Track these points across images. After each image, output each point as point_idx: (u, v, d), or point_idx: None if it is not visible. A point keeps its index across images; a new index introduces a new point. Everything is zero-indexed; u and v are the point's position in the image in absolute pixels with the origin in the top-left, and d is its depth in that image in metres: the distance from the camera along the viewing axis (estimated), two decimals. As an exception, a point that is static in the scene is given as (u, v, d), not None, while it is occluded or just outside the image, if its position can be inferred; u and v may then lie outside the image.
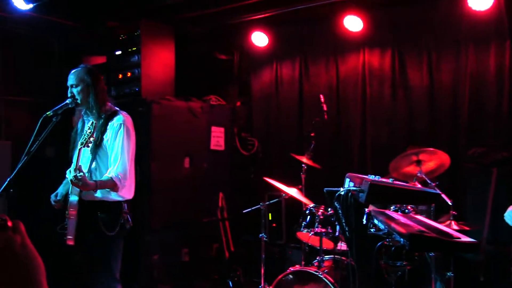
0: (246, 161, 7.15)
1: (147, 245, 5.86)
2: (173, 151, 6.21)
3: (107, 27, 6.45)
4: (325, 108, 5.75)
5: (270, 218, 6.46)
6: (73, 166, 3.75)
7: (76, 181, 3.69)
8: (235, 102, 7.29)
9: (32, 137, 3.76)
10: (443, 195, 4.37)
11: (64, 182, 4.19)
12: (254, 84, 7.28)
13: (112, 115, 4.01)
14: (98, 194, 3.94)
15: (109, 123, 3.97)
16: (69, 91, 4.02)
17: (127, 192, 4.05)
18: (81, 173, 3.70)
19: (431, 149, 4.68)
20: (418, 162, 4.63)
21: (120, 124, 3.95)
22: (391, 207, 4.24)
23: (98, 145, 3.96)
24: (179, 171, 6.26)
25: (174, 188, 6.15)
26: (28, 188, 6.26)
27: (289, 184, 5.28)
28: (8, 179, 3.66)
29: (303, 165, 5.65)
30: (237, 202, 6.65)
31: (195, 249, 6.36)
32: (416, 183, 3.20)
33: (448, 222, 4.48)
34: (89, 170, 3.99)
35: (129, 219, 4.05)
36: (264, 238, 5.26)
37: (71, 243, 3.98)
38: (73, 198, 4.00)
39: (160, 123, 6.05)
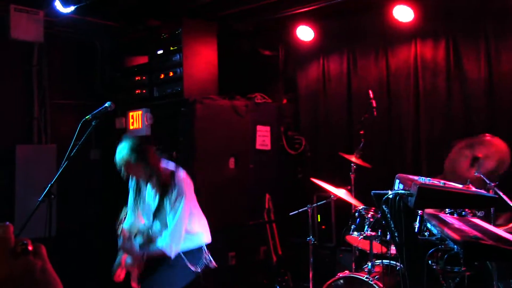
0: (293, 160, 6.93)
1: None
2: (218, 151, 6.09)
3: (148, 26, 6.39)
4: (374, 104, 5.50)
5: (319, 220, 6.25)
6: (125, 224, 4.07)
7: (125, 249, 3.95)
8: (281, 99, 7.07)
9: (73, 141, 3.76)
10: (505, 197, 4.03)
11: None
12: (301, 80, 7.05)
13: (167, 180, 3.97)
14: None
15: (167, 191, 3.95)
16: (122, 172, 4.01)
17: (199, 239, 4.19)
18: (130, 242, 3.94)
19: (488, 136, 4.30)
20: (475, 160, 4.28)
21: (176, 191, 3.91)
22: (446, 209, 3.94)
23: (158, 210, 4.01)
24: (224, 172, 6.13)
25: (219, 190, 6.03)
26: (74, 191, 6.30)
27: (338, 184, 5.11)
28: (49, 185, 3.69)
29: (352, 164, 5.42)
30: (284, 204, 6.46)
31: (242, 253, 6.21)
32: (470, 185, 2.90)
33: (511, 225, 4.13)
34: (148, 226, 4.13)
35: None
36: (312, 241, 5.10)
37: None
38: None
39: (203, 123, 5.94)
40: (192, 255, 4.09)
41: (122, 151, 3.92)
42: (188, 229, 4.02)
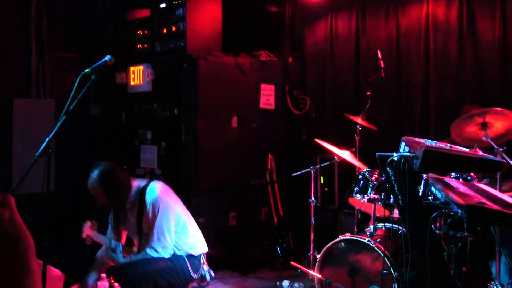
0: (297, 121, 6.81)
1: (193, 208, 5.67)
2: (221, 110, 6.01)
3: (151, -22, 6.20)
4: (382, 65, 5.33)
5: (322, 182, 6.17)
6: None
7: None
8: (287, 58, 6.88)
9: (71, 96, 3.63)
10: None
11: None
12: (307, 38, 6.89)
13: (139, 198, 4.00)
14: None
15: (141, 210, 3.98)
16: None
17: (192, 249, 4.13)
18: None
19: (498, 109, 4.16)
20: (484, 125, 4.14)
21: (150, 208, 3.94)
22: (452, 174, 3.83)
23: (140, 229, 4.04)
24: (227, 131, 6.07)
25: (222, 149, 5.97)
26: (73, 147, 6.21)
27: (343, 146, 5.00)
28: (47, 139, 3.58)
29: (357, 126, 5.29)
30: (287, 164, 6.39)
31: (243, 213, 6.17)
32: (478, 149, 2.79)
33: (517, 192, 4.02)
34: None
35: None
36: (315, 203, 5.05)
37: None
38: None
39: (206, 80, 5.84)
40: (193, 260, 4.11)
41: (90, 179, 3.95)
42: (180, 242, 4.07)
